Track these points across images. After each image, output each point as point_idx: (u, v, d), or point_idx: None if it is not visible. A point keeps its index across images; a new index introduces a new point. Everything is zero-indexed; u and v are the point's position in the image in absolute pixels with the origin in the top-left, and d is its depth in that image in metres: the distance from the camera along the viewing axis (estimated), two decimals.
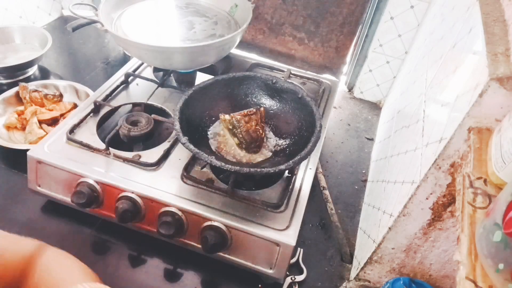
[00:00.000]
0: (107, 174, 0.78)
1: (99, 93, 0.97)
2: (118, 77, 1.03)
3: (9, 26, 1.29)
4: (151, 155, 0.82)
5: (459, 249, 0.40)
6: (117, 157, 0.81)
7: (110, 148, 0.82)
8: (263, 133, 0.84)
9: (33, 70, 1.25)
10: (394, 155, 0.84)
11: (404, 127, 0.83)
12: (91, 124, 0.89)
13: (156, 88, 0.99)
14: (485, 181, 0.44)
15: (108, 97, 0.96)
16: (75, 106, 1.09)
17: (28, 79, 1.20)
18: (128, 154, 0.82)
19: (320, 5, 1.21)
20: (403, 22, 1.12)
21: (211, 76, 0.90)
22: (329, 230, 0.93)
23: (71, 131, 0.85)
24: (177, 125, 0.76)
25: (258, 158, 0.82)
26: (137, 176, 0.78)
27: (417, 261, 0.68)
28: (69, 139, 0.83)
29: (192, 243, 0.78)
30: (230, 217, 0.73)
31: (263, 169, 0.70)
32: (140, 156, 0.81)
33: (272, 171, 0.69)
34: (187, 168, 0.80)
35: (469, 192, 0.43)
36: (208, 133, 0.86)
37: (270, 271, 0.76)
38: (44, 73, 1.27)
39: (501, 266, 0.35)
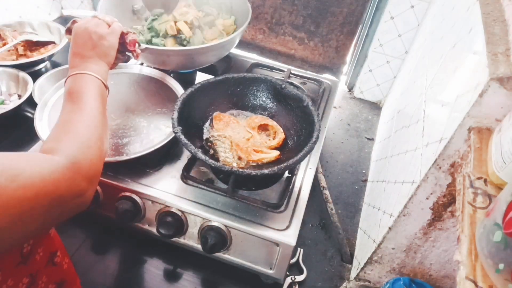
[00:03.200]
0: (106, 174, 0.78)
1: None
2: None
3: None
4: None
5: (459, 249, 0.40)
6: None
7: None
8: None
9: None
10: (394, 155, 0.84)
11: (404, 127, 0.83)
12: None
13: None
14: (485, 181, 0.44)
15: None
16: None
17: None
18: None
19: (320, 5, 1.21)
20: (403, 22, 1.12)
21: (211, 76, 0.91)
22: (329, 230, 0.93)
23: None
24: (175, 114, 0.76)
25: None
26: (137, 176, 0.78)
27: (417, 261, 0.67)
28: None
29: (192, 243, 0.78)
30: (230, 217, 0.73)
31: (250, 171, 0.70)
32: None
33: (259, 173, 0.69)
34: (187, 168, 0.80)
35: (469, 192, 0.43)
36: (204, 129, 0.87)
37: (270, 271, 0.76)
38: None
39: (501, 266, 0.35)
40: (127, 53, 0.78)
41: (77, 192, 0.50)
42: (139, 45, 0.78)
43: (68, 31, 0.73)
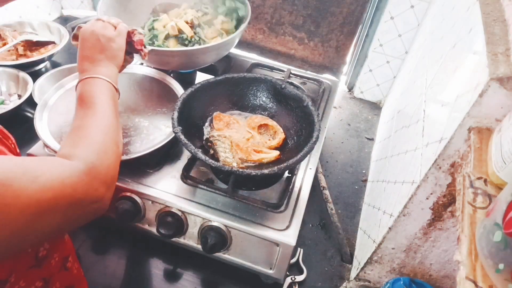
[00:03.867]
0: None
1: None
2: None
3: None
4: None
5: (459, 249, 0.40)
6: None
7: None
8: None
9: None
10: (394, 155, 0.84)
11: (404, 127, 0.83)
12: None
13: None
14: (485, 181, 0.44)
15: None
16: None
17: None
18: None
19: (320, 5, 1.21)
20: (403, 22, 1.12)
21: (211, 76, 0.91)
22: (329, 230, 0.93)
23: None
24: (175, 114, 0.76)
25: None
26: (137, 176, 0.78)
27: (417, 261, 0.67)
28: None
29: (192, 243, 0.78)
30: (230, 217, 0.73)
31: (251, 172, 0.70)
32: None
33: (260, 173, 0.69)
34: (187, 168, 0.80)
35: (469, 192, 0.43)
36: (204, 129, 0.87)
37: (270, 271, 0.76)
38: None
39: (501, 266, 0.35)
40: (134, 53, 0.78)
41: (95, 197, 0.50)
42: (145, 47, 0.78)
43: (75, 37, 0.72)
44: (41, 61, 1.16)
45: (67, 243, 0.58)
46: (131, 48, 0.76)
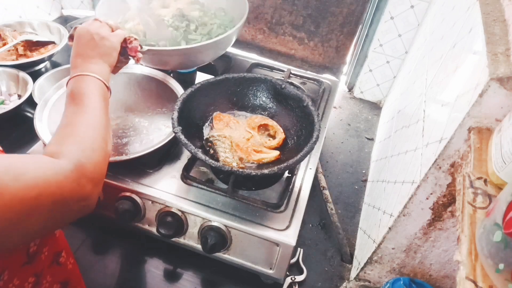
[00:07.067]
0: (106, 174, 0.77)
1: None
2: None
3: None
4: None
5: (459, 249, 0.40)
6: None
7: None
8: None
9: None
10: (394, 155, 0.84)
11: (404, 127, 0.83)
12: None
13: None
14: (485, 181, 0.44)
15: None
16: None
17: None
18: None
19: (320, 5, 1.21)
20: (403, 22, 1.12)
21: (211, 76, 0.91)
22: (329, 230, 0.93)
23: None
24: (175, 114, 0.76)
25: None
26: (137, 176, 0.78)
27: (417, 261, 0.67)
28: None
29: (192, 243, 0.78)
30: (230, 217, 0.73)
31: (251, 172, 0.70)
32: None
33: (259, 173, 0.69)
34: (187, 168, 0.80)
35: (469, 192, 0.43)
36: (204, 129, 0.87)
37: (270, 271, 0.76)
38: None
39: (501, 266, 0.35)
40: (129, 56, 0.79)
41: (82, 195, 0.49)
42: (141, 48, 0.78)
43: (71, 38, 0.73)
44: (41, 61, 1.16)
45: (59, 239, 0.58)
46: (125, 53, 0.76)
